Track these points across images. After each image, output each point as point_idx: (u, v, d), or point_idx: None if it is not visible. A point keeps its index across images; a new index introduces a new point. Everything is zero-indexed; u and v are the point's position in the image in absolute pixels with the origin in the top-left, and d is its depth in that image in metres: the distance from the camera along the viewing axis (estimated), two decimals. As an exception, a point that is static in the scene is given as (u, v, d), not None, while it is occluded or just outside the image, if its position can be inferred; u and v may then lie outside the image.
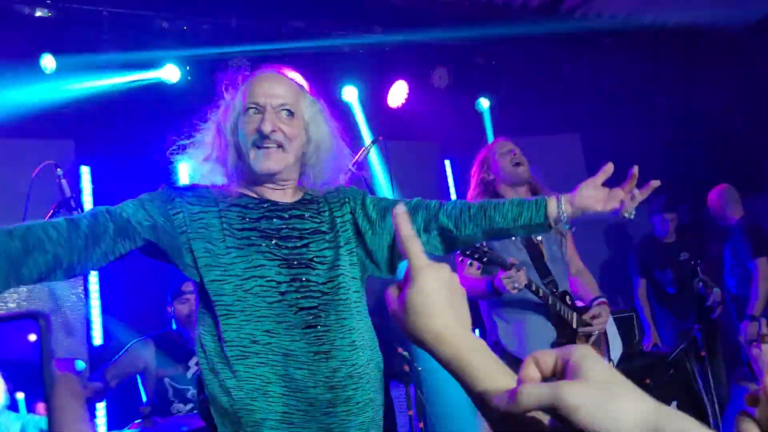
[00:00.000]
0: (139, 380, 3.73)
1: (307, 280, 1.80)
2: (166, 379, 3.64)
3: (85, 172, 4.47)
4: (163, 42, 4.41)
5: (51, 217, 2.64)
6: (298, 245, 1.83)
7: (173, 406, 3.61)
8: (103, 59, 4.20)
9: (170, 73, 4.44)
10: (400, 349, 3.87)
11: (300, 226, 1.87)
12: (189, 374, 3.66)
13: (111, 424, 4.12)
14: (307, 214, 1.90)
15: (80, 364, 2.77)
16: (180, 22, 4.48)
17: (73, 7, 4.13)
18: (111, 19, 4.19)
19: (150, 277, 3.90)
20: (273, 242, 1.81)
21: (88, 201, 4.39)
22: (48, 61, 4.04)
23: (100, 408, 4.16)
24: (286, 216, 1.87)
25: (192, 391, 3.61)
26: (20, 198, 3.02)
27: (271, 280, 1.77)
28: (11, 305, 3.89)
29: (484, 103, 5.81)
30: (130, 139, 4.45)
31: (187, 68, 4.50)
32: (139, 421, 3.10)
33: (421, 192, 5.43)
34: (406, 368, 3.64)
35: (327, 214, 1.94)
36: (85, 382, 3.36)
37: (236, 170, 1.88)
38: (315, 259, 1.83)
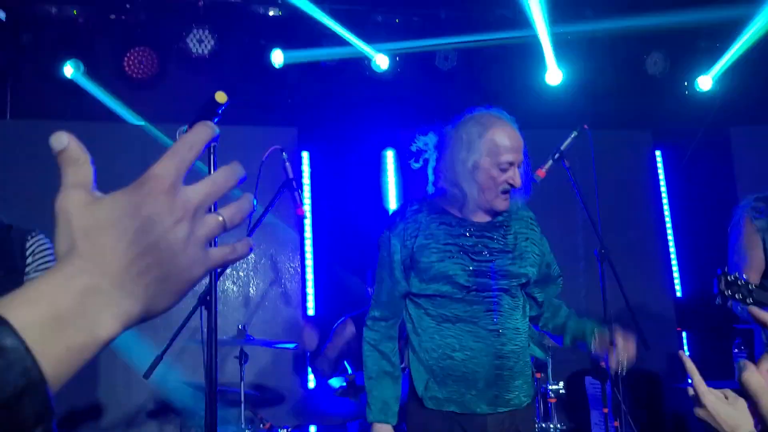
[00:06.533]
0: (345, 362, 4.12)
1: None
2: None
3: (305, 156, 5.07)
4: (376, 35, 4.87)
5: (276, 195, 3.10)
6: (488, 258, 2.32)
7: None
8: (324, 53, 4.76)
9: (380, 61, 4.86)
10: None
11: (489, 245, 2.34)
12: None
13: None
14: (495, 235, 2.35)
15: None
16: (392, 15, 4.97)
17: (299, 6, 4.64)
18: (332, 15, 4.68)
19: (357, 254, 4.30)
20: (469, 257, 2.30)
21: (306, 183, 5.04)
22: (277, 56, 4.64)
23: (310, 373, 4.70)
24: (479, 234, 2.34)
25: None
26: (251, 178, 3.56)
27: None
28: (241, 273, 4.60)
29: (704, 83, 5.22)
30: (345, 126, 5.00)
31: (397, 59, 4.91)
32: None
33: (630, 185, 5.31)
34: (603, 364, 3.46)
35: (512, 238, 2.38)
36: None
37: (456, 193, 2.32)
38: (499, 270, 2.32)
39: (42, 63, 4.42)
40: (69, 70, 4.44)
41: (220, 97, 2.23)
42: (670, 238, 5.77)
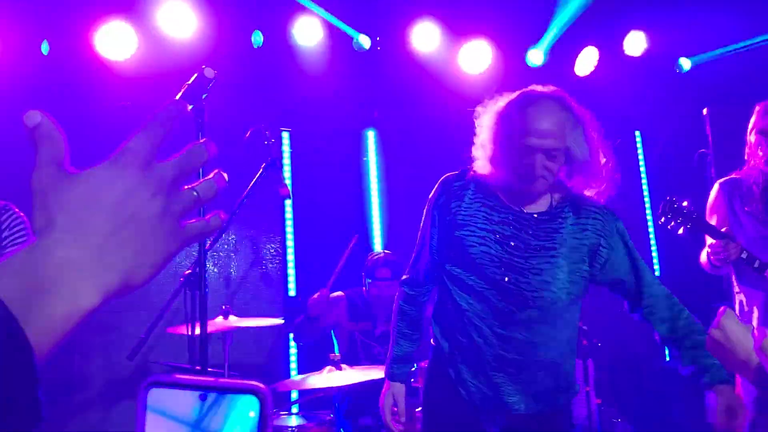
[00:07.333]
0: (332, 333, 4.13)
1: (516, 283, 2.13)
2: (356, 333, 3.99)
3: (285, 136, 5.01)
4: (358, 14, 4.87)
5: (260, 175, 3.03)
6: (522, 255, 2.13)
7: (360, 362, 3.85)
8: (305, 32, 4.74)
9: (363, 41, 4.92)
10: (579, 323, 3.64)
11: (528, 241, 2.14)
12: (376, 333, 3.97)
13: (301, 369, 4.62)
14: (540, 231, 2.15)
15: None
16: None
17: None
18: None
19: (341, 235, 4.28)
20: (502, 248, 2.13)
21: (287, 163, 4.98)
22: (257, 36, 4.68)
23: (292, 355, 4.76)
24: (519, 226, 2.15)
25: (378, 349, 3.88)
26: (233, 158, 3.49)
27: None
28: (222, 254, 4.61)
29: (685, 64, 5.25)
30: (326, 105, 4.91)
31: (377, 38, 4.95)
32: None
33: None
34: (585, 343, 3.45)
35: (565, 234, 2.15)
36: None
37: (494, 173, 2.17)
38: (531, 269, 2.12)
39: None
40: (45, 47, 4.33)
41: (209, 72, 2.19)
42: (649, 218, 5.82)
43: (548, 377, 2.20)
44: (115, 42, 4.34)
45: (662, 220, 2.84)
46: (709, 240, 2.99)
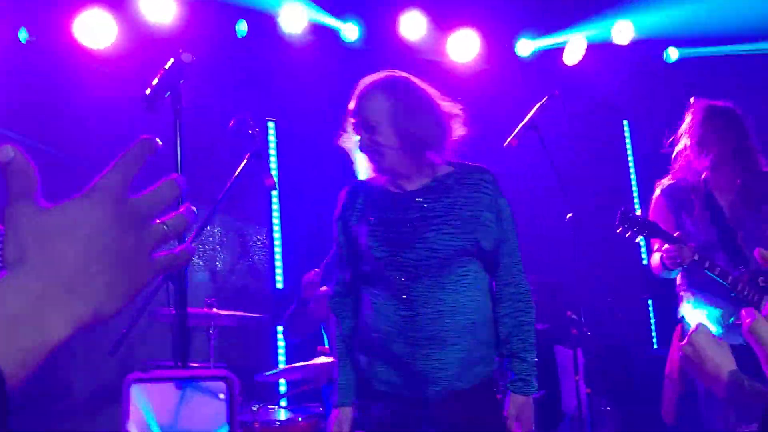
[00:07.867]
0: (322, 328, 3.97)
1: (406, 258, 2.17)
2: None
3: (271, 126, 4.97)
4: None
5: (245, 165, 3.04)
6: (406, 228, 2.20)
7: None
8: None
9: (349, 32, 4.89)
10: (569, 313, 3.67)
11: (411, 214, 2.21)
12: None
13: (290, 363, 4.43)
14: (424, 203, 2.22)
15: None
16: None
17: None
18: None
19: (329, 226, 4.24)
20: (388, 228, 2.20)
21: (273, 153, 4.93)
22: (242, 26, 4.67)
23: (280, 348, 4.72)
24: (403, 204, 2.22)
25: None
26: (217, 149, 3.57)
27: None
28: (207, 247, 4.59)
29: (672, 54, 5.25)
30: (312, 94, 4.83)
31: (366, 29, 4.97)
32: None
33: (597, 153, 5.27)
34: (575, 332, 3.48)
35: (447, 202, 2.21)
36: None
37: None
38: (417, 239, 2.18)
39: None
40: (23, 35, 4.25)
41: (186, 57, 2.14)
42: (637, 208, 5.82)
43: (462, 350, 2.18)
44: (94, 30, 4.28)
45: (619, 230, 2.93)
46: (656, 245, 3.09)
